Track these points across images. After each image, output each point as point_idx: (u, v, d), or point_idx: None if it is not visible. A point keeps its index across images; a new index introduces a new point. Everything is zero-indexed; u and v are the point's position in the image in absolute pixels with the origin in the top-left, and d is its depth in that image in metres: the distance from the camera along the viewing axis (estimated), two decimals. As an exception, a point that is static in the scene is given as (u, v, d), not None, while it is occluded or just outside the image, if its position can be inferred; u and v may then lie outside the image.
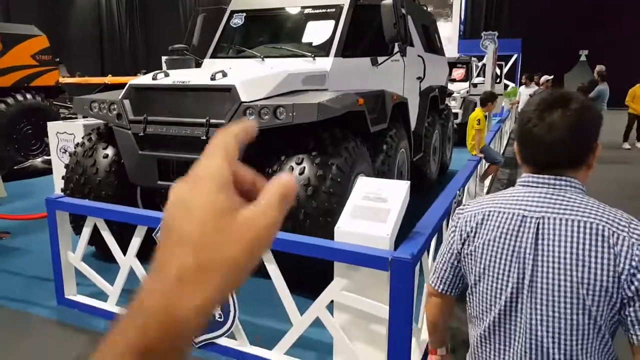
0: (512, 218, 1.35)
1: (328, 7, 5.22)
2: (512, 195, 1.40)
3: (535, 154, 1.36)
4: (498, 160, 6.56)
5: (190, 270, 0.38)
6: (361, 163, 4.04)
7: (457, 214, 1.51)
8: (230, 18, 5.86)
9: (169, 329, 0.37)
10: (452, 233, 1.51)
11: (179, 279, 0.38)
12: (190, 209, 0.40)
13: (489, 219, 1.40)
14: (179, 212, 0.41)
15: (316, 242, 2.60)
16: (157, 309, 0.37)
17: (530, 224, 1.32)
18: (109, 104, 4.22)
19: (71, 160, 4.46)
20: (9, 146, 8.19)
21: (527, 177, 1.39)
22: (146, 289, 0.39)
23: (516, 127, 1.43)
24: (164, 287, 0.38)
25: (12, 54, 8.39)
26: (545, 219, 1.31)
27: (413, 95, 6.27)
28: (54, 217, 3.37)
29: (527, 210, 1.34)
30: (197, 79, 4.04)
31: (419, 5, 7.45)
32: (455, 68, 12.76)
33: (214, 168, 0.42)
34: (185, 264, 0.38)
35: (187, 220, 0.40)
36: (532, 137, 1.33)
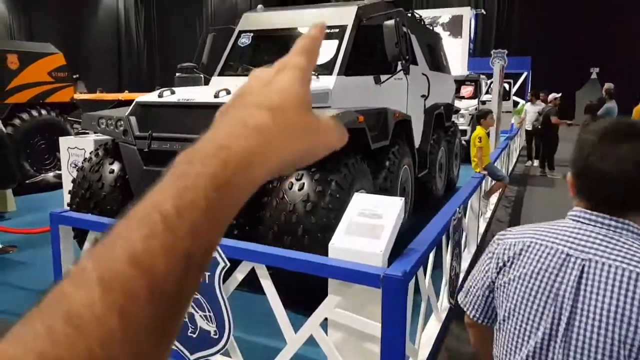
0: (555, 254, 1.22)
1: (332, 28, 5.32)
2: (558, 229, 1.26)
3: (594, 189, 1.23)
4: (502, 177, 6.55)
5: (269, 128, 0.40)
6: (361, 179, 4.07)
7: (497, 241, 1.38)
8: (238, 38, 5.98)
9: (245, 172, 0.39)
10: (488, 260, 1.38)
11: (259, 131, 0.40)
12: (271, 83, 0.43)
13: (529, 250, 1.27)
14: (257, 83, 0.44)
15: (309, 259, 2.63)
16: (238, 150, 0.39)
17: (574, 265, 1.19)
18: (115, 120, 4.33)
19: (78, 175, 4.55)
20: (22, 160, 8.36)
21: (579, 212, 1.25)
22: (224, 131, 0.40)
23: (574, 156, 1.28)
24: (245, 133, 0.39)
25: (28, 71, 8.61)
26: (592, 262, 1.17)
27: (417, 112, 6.31)
28: (57, 231, 3.44)
29: (573, 249, 1.20)
30: (201, 97, 4.13)
31: (423, 25, 7.53)
32: (464, 85, 12.80)
33: (300, 62, 0.45)
34: (265, 122, 0.40)
35: (266, 90, 0.43)
36: (595, 170, 1.20)
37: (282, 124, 0.41)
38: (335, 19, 5.45)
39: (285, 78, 0.43)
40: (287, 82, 0.43)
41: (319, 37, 0.47)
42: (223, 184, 0.37)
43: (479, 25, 21.87)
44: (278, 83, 0.43)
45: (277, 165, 0.42)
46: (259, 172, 0.40)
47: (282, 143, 0.41)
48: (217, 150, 0.38)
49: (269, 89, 0.43)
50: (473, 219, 5.24)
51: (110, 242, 0.34)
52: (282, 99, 0.42)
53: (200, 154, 0.38)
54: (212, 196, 0.36)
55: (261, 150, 0.40)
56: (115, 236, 0.35)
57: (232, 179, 0.38)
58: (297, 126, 0.42)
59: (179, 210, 0.35)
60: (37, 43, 9.33)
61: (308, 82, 0.44)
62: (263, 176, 0.41)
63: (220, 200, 0.37)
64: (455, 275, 3.96)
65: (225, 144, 0.39)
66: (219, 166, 0.37)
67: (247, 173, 0.39)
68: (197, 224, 0.35)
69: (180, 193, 0.36)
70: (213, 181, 0.37)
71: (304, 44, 0.46)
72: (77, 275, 0.33)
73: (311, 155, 0.45)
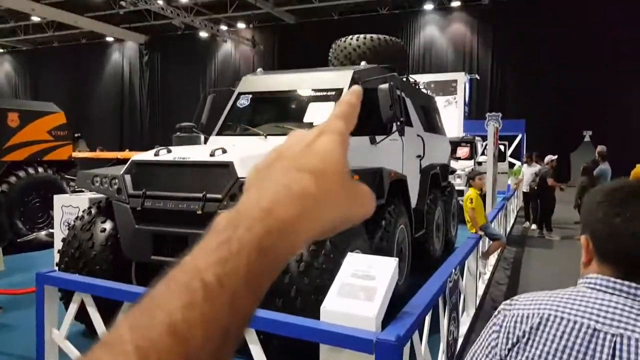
0: (580, 330, 1.07)
1: (329, 90, 5.45)
2: (579, 299, 1.12)
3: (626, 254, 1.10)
4: (498, 236, 6.50)
5: (312, 193, 0.39)
6: (356, 239, 4.01)
7: (504, 311, 1.21)
8: (237, 99, 6.10)
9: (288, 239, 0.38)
10: (494, 333, 1.20)
11: (303, 197, 0.39)
12: (312, 145, 0.42)
13: (548, 325, 1.11)
14: (298, 144, 0.43)
15: (298, 322, 2.54)
16: (283, 216, 0.38)
17: (604, 342, 1.05)
18: (110, 178, 4.32)
19: (69, 234, 4.49)
20: (15, 219, 8.29)
21: (603, 281, 1.11)
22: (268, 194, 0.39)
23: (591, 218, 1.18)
24: (290, 198, 0.39)
25: (28, 129, 8.72)
26: (624, 337, 1.04)
27: (413, 172, 6.34)
28: (42, 292, 3.34)
29: (601, 323, 1.06)
30: (197, 155, 4.15)
31: (418, 88, 7.73)
32: (460, 147, 13.01)
33: (340, 128, 0.44)
34: (309, 187, 0.39)
35: (308, 152, 0.42)
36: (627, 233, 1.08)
37: (325, 189, 0.41)
38: (332, 82, 5.59)
39: (326, 142, 0.43)
40: (329, 146, 0.43)
41: (356, 103, 0.48)
42: (266, 251, 0.36)
43: (474, 89, 22.49)
44: (320, 146, 0.43)
45: (319, 231, 0.41)
46: (301, 239, 0.39)
47: (325, 209, 0.41)
48: (262, 214, 0.37)
49: (310, 152, 0.42)
50: (471, 280, 5.13)
51: (148, 307, 0.34)
52: (325, 163, 0.42)
53: (245, 217, 0.38)
54: (254, 264, 0.36)
55: (305, 216, 0.39)
56: (154, 301, 0.34)
57: (276, 246, 0.37)
58: (339, 192, 0.42)
59: (220, 278, 0.35)
60: (39, 102, 9.52)
61: (347, 147, 0.44)
62: (304, 242, 0.40)
63: (262, 268, 0.37)
64: (453, 340, 3.82)
65: (270, 209, 0.38)
66: (263, 232, 0.37)
67: (290, 240, 0.38)
68: (237, 294, 0.35)
69: (223, 260, 0.35)
70: (257, 248, 0.36)
71: (343, 109, 0.47)
72: (114, 343, 0.32)
73: (349, 221, 0.44)
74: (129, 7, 23.45)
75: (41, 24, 28.11)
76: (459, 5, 23.07)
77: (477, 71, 22.93)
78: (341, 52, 7.18)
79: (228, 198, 3.79)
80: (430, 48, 24.38)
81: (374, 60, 6.67)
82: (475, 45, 23.61)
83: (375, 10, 24.70)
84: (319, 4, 23.27)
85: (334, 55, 7.32)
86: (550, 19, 21.18)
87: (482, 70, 23.24)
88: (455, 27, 24.01)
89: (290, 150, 0.43)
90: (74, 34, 29.26)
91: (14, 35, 30.20)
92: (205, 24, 24.95)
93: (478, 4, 22.75)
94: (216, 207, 3.77)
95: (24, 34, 29.85)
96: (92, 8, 24.72)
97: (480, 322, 5.15)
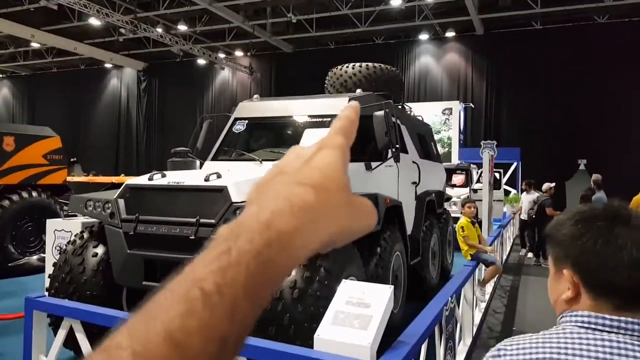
0: None
1: (324, 117, 5.47)
2: (573, 342, 1.01)
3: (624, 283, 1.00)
4: (492, 260, 6.45)
5: (313, 206, 0.40)
6: (351, 266, 3.97)
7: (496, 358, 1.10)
8: (233, 124, 6.11)
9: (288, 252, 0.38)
10: None
11: (304, 209, 0.39)
12: (312, 160, 0.43)
13: None
14: (298, 159, 0.44)
15: (291, 351, 2.48)
16: (283, 228, 0.38)
17: None
18: (103, 202, 4.28)
19: (60, 258, 4.43)
20: (7, 243, 8.20)
21: (598, 319, 1.01)
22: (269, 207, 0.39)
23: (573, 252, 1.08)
24: (291, 211, 0.39)
25: (23, 153, 8.69)
26: None
27: (408, 199, 6.32)
28: (30, 317, 3.27)
29: None
30: (191, 180, 4.13)
31: (413, 116, 7.79)
32: (455, 174, 13.06)
33: (339, 143, 0.45)
34: (310, 200, 0.40)
35: (308, 167, 0.42)
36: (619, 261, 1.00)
37: (326, 202, 0.41)
38: (327, 109, 5.62)
39: (327, 156, 0.43)
40: (329, 160, 0.43)
41: (354, 119, 0.48)
42: (266, 262, 0.37)
43: (469, 117, 22.71)
44: (320, 160, 0.43)
45: (319, 244, 0.41)
46: (301, 252, 0.40)
47: (326, 222, 0.41)
48: (262, 227, 0.38)
49: (310, 166, 0.43)
50: (467, 309, 5.07)
51: (147, 315, 0.34)
52: (325, 177, 0.42)
53: (245, 229, 0.38)
54: (254, 275, 0.36)
55: (305, 229, 0.39)
56: (153, 309, 0.35)
57: (276, 258, 0.37)
58: (339, 205, 0.42)
59: (219, 287, 0.35)
60: (34, 126, 9.51)
61: (347, 162, 0.45)
62: (304, 255, 0.40)
63: (262, 278, 0.37)
64: (449, 370, 3.75)
65: (271, 222, 0.38)
66: (263, 244, 0.37)
67: (290, 252, 0.38)
68: (236, 304, 0.35)
69: (223, 269, 0.35)
70: (257, 259, 0.36)
71: (342, 125, 0.47)
72: (112, 349, 0.33)
73: (349, 235, 0.45)
74: (128, 35, 23.72)
75: (40, 50, 28.36)
76: (454, 35, 23.43)
77: (471, 100, 23.18)
78: (337, 80, 7.25)
79: (222, 223, 3.76)
80: (425, 77, 24.67)
81: (370, 88, 6.73)
82: (469, 74, 23.91)
83: (371, 40, 25.06)
84: (315, 33, 23.62)
85: (330, 83, 7.38)
86: (543, 49, 21.53)
87: (477, 98, 23.48)
88: (450, 57, 24.36)
89: (291, 165, 0.43)
90: (73, 60, 29.49)
91: (14, 60, 30.43)
92: (204, 51, 25.22)
93: (472, 34, 23.12)
94: (210, 232, 3.74)
95: (23, 60, 30.08)
96: (92, 35, 24.98)
97: (477, 351, 5.07)
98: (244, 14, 22.30)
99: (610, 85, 20.31)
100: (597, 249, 1.02)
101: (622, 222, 1.04)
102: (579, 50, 20.91)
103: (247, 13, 22.48)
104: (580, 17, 20.92)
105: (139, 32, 22.12)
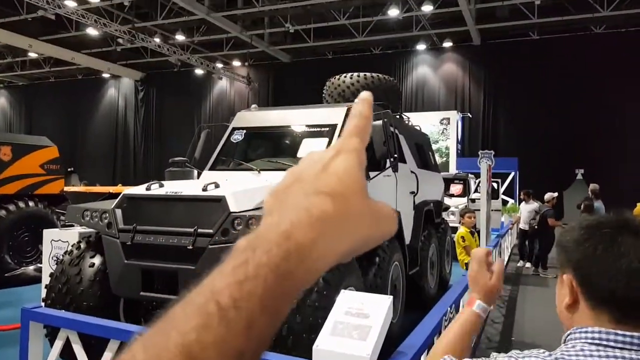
0: None
1: (322, 127, 5.48)
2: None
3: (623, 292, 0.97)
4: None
5: (332, 217, 0.39)
6: (350, 276, 3.96)
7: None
8: (231, 134, 6.11)
9: (307, 264, 0.37)
10: None
11: (323, 220, 0.38)
12: (329, 167, 0.42)
13: None
14: (315, 166, 0.42)
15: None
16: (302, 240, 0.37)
17: None
18: (100, 212, 4.27)
19: (57, 269, 4.40)
20: (3, 253, 8.15)
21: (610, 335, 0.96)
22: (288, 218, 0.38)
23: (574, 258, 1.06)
24: (310, 222, 0.38)
25: (20, 163, 8.67)
26: None
27: (406, 209, 6.32)
28: (26, 328, 3.24)
29: None
30: (189, 190, 4.11)
31: (412, 125, 7.81)
32: (453, 184, 13.06)
33: (355, 146, 0.44)
34: (328, 210, 0.39)
35: (326, 175, 0.41)
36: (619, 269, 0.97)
37: (344, 211, 0.40)
38: (326, 118, 5.62)
39: (343, 162, 0.42)
40: (346, 166, 0.42)
41: (368, 114, 0.47)
42: (284, 275, 0.36)
43: (466, 127, 22.78)
44: (337, 166, 0.42)
45: (338, 254, 0.41)
46: (320, 264, 0.39)
47: (344, 232, 0.40)
48: (281, 239, 0.37)
49: (327, 173, 0.42)
50: (466, 319, 5.04)
51: (163, 328, 0.34)
52: (343, 184, 0.41)
53: (263, 241, 0.37)
54: (272, 287, 0.35)
55: (324, 240, 0.39)
56: (169, 322, 0.34)
57: (294, 271, 0.37)
58: (358, 213, 0.41)
59: (236, 301, 0.34)
60: (32, 136, 9.50)
61: (364, 164, 0.44)
62: (324, 268, 0.40)
63: (280, 291, 0.36)
64: (449, 381, 3.71)
65: (290, 233, 0.38)
66: (282, 256, 0.36)
67: (309, 264, 0.38)
68: (252, 317, 0.34)
69: (240, 283, 0.35)
70: (275, 272, 0.36)
71: (357, 124, 0.46)
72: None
73: (369, 243, 0.44)
74: (125, 45, 23.80)
75: (38, 60, 28.40)
76: (451, 45, 23.58)
77: (469, 109, 23.27)
78: (335, 90, 7.26)
79: (220, 233, 3.74)
80: (422, 87, 24.77)
81: (368, 97, 6.74)
82: (467, 84, 24.03)
83: (368, 50, 25.20)
84: (313, 43, 23.74)
85: (327, 92, 7.40)
86: (540, 59, 21.67)
87: (474, 108, 23.58)
88: (448, 67, 24.49)
89: (308, 172, 0.43)
90: (71, 70, 29.54)
91: (11, 70, 30.47)
92: (201, 61, 25.30)
93: (470, 44, 23.27)
94: (207, 243, 3.72)
95: (20, 70, 30.13)
96: (89, 45, 25.04)
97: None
98: (241, 24, 22.42)
99: (607, 94, 20.43)
100: (597, 254, 1.00)
101: (629, 231, 1.00)
102: (575, 60, 21.06)
103: (244, 23, 22.61)
104: (577, 27, 21.09)
105: (136, 42, 22.21)
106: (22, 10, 20.51)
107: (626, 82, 20.31)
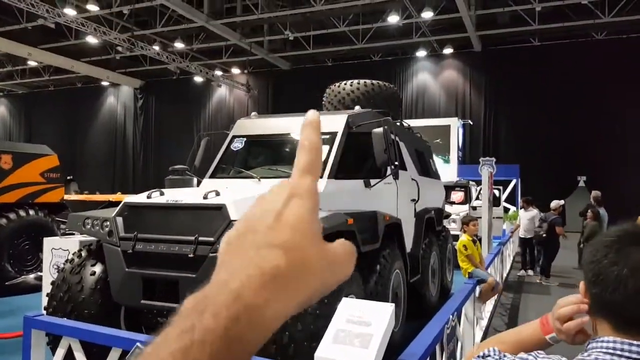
0: None
1: (323, 134, 5.46)
2: None
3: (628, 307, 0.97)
4: (484, 276, 6.39)
5: (284, 272, 0.38)
6: (350, 284, 3.94)
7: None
8: (231, 142, 6.11)
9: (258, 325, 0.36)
10: None
11: (274, 277, 0.37)
12: (282, 216, 0.40)
13: None
14: (267, 215, 0.41)
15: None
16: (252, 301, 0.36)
17: None
18: (102, 221, 4.26)
19: (58, 277, 4.39)
20: (4, 261, 8.13)
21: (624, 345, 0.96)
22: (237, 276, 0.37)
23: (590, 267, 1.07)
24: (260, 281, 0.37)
25: (20, 171, 8.67)
26: None
27: (408, 216, 6.31)
28: (29, 336, 3.23)
29: None
30: (190, 198, 4.11)
31: (412, 132, 7.81)
32: (454, 191, 13.02)
33: (308, 187, 0.43)
34: (280, 265, 0.38)
35: (278, 225, 0.40)
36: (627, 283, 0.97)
37: (298, 264, 0.39)
38: (326, 126, 5.62)
39: (296, 209, 0.41)
40: (299, 214, 0.41)
41: (317, 140, 0.45)
42: (233, 339, 0.34)
43: (467, 134, 22.78)
44: (290, 216, 0.41)
45: (292, 309, 0.39)
46: (273, 323, 0.38)
47: (300, 285, 0.39)
48: (229, 300, 0.36)
49: (281, 224, 0.40)
50: (468, 327, 5.03)
51: None
52: (297, 234, 0.40)
53: (211, 302, 0.36)
54: (219, 354, 0.34)
55: (277, 298, 0.37)
56: None
57: (245, 334, 0.35)
58: (313, 263, 0.40)
59: None
60: (32, 144, 9.51)
61: (317, 207, 0.43)
62: (277, 324, 0.38)
63: (228, 357, 0.34)
64: (451, 390, 3.70)
65: (239, 294, 0.36)
66: (231, 319, 0.35)
67: (259, 326, 0.36)
68: None
69: (184, 349, 0.33)
70: (222, 338, 0.34)
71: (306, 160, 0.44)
72: None
73: (325, 289, 0.43)
74: (125, 53, 23.90)
75: (38, 68, 28.48)
76: (451, 52, 23.65)
77: (470, 116, 23.28)
78: (335, 97, 7.27)
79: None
80: (423, 94, 24.82)
81: (368, 105, 6.76)
82: (467, 90, 24.08)
83: (368, 57, 25.28)
84: (312, 50, 23.82)
85: (327, 100, 7.41)
86: (541, 65, 21.73)
87: (475, 115, 23.60)
88: (448, 73, 24.54)
89: (261, 222, 0.41)
90: (70, 78, 29.62)
91: (11, 79, 30.56)
92: (201, 69, 25.37)
93: (470, 51, 23.33)
94: (208, 251, 3.72)
95: (20, 78, 30.21)
96: (89, 53, 25.13)
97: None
98: (240, 32, 22.50)
99: (608, 101, 20.46)
100: (604, 263, 1.01)
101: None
102: (576, 67, 21.10)
103: (244, 30, 22.69)
104: (578, 33, 21.15)
105: (135, 50, 22.29)
106: (21, 18, 20.60)
107: (627, 89, 20.35)
